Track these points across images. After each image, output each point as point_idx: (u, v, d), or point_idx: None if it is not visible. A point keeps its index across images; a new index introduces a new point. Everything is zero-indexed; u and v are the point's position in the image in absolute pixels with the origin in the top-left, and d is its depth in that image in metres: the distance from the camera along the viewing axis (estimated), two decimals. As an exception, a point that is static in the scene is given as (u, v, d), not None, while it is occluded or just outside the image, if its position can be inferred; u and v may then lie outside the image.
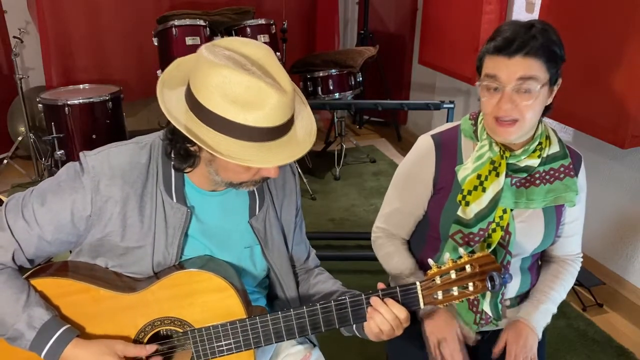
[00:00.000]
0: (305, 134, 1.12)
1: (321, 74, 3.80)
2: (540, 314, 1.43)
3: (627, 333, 2.46)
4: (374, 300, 1.16)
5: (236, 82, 1.00)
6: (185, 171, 1.18)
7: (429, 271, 1.18)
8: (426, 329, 1.40)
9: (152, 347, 1.16)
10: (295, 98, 1.12)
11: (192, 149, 1.12)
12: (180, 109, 1.07)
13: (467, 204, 1.36)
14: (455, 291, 1.17)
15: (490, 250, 1.36)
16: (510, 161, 1.34)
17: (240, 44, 1.08)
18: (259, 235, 1.28)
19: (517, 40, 1.21)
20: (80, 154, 1.17)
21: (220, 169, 1.12)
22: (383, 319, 1.15)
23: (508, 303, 1.49)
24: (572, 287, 1.53)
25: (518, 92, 1.23)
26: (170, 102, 1.08)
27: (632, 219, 2.62)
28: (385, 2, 4.73)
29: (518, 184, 1.38)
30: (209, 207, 1.24)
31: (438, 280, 1.16)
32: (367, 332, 1.21)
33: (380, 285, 1.19)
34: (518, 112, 1.24)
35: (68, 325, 1.12)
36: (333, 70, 3.80)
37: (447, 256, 1.18)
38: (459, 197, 1.36)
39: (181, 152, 1.13)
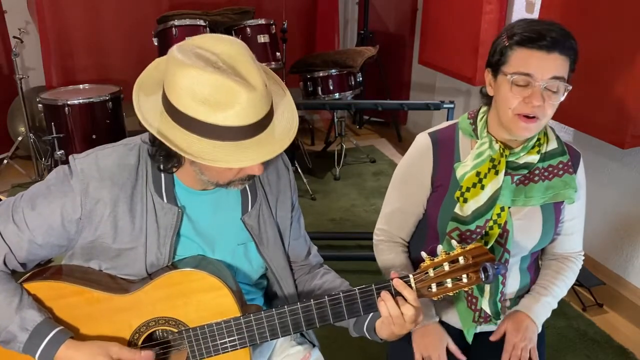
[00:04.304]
0: (284, 129, 1.10)
1: (321, 74, 3.79)
2: (541, 307, 1.43)
3: (627, 333, 2.45)
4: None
5: (204, 83, 0.99)
6: (172, 171, 1.17)
7: (422, 264, 1.17)
8: (414, 344, 1.40)
9: (147, 353, 1.14)
10: (277, 91, 1.10)
11: (173, 149, 1.10)
12: (157, 110, 1.07)
13: (465, 200, 1.35)
14: (449, 283, 1.15)
15: (487, 248, 1.36)
16: (510, 159, 1.34)
17: (213, 41, 1.06)
18: (252, 232, 1.27)
19: (548, 35, 1.19)
20: (70, 157, 1.17)
21: (204, 169, 1.12)
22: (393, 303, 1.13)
23: (508, 304, 1.48)
24: (572, 287, 1.52)
25: (547, 91, 1.23)
26: (147, 103, 1.07)
27: (632, 219, 2.61)
28: (385, 2, 4.73)
29: (518, 181, 1.37)
30: (201, 206, 1.23)
31: (431, 273, 1.15)
32: (379, 327, 1.20)
33: (394, 275, 1.17)
34: (542, 111, 1.24)
35: (61, 327, 1.12)
36: (333, 70, 3.80)
37: (440, 249, 1.17)
38: (457, 193, 1.36)
39: (163, 153, 1.12)
